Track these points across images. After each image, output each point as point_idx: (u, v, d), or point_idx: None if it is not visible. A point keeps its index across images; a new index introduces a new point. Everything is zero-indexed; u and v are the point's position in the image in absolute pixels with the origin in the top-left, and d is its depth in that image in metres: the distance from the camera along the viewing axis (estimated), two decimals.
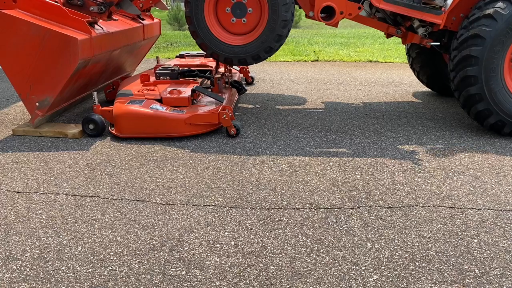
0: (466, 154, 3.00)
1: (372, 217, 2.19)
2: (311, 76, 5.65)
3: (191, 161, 2.84)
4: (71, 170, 2.70)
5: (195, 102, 3.45)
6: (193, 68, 4.10)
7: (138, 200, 2.34)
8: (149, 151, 3.00)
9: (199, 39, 3.53)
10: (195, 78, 3.90)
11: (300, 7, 3.75)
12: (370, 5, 3.72)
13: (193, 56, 4.88)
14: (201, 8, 3.44)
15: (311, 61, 6.79)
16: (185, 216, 2.18)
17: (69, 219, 2.15)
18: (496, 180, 2.60)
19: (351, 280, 1.73)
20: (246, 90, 4.32)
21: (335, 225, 2.11)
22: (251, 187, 2.49)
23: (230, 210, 2.24)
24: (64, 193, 2.42)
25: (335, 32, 10.71)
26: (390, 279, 1.73)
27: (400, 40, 4.31)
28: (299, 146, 3.11)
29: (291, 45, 8.30)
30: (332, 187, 2.49)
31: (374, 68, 6.17)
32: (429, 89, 4.73)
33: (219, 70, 4.32)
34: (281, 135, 3.33)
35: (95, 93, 3.34)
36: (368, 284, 1.70)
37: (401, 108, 4.13)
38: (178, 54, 4.97)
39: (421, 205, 2.31)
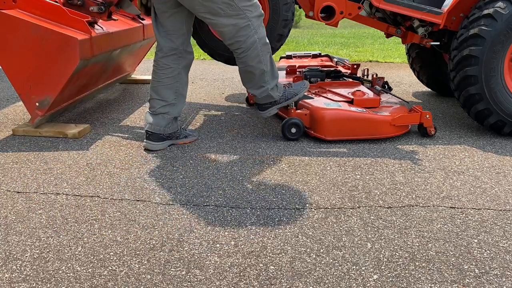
0: (466, 154, 3.00)
1: (372, 217, 2.19)
2: None
3: (191, 161, 2.84)
4: (71, 170, 2.70)
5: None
6: (336, 69, 4.12)
7: (138, 200, 2.34)
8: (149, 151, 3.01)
9: (200, 40, 3.53)
10: (341, 79, 3.91)
11: (300, 7, 3.76)
12: (370, 5, 3.72)
13: (300, 57, 4.82)
14: None
15: None
16: (185, 216, 2.18)
17: (69, 219, 2.15)
18: (496, 180, 2.60)
19: (351, 280, 1.73)
20: (391, 89, 4.15)
21: (335, 225, 2.11)
22: (251, 187, 2.49)
23: (230, 210, 2.24)
24: (64, 193, 2.42)
25: (335, 32, 10.72)
26: (390, 279, 1.73)
27: (400, 40, 4.31)
28: (299, 146, 3.11)
29: (291, 45, 8.30)
30: (332, 187, 2.49)
31: (374, 68, 6.17)
32: (429, 89, 4.73)
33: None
34: (281, 135, 3.33)
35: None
36: (368, 284, 1.70)
37: None
38: (284, 55, 4.88)
39: (421, 205, 2.31)
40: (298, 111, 3.29)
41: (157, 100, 2.98)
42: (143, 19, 4.40)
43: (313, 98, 3.45)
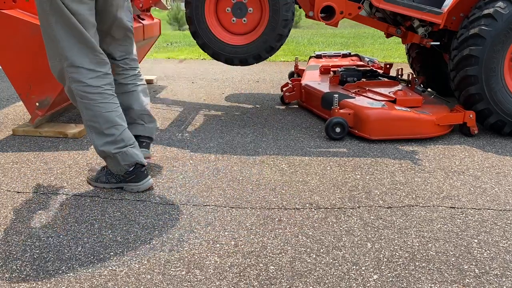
0: (466, 154, 3.00)
1: (372, 217, 2.19)
2: None
3: (191, 161, 2.84)
4: (71, 170, 2.70)
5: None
6: (372, 68, 4.15)
7: (138, 200, 2.34)
8: None
9: (200, 40, 3.53)
10: (377, 78, 3.93)
11: (300, 7, 3.76)
12: (370, 5, 3.72)
13: (330, 56, 4.82)
14: (201, 9, 3.45)
15: None
16: (185, 216, 2.18)
17: (69, 219, 2.15)
18: (496, 180, 2.60)
19: (351, 280, 1.73)
20: (427, 89, 4.14)
21: (335, 225, 2.11)
22: (251, 187, 2.49)
23: (230, 210, 2.24)
24: (64, 193, 2.42)
25: (335, 32, 10.72)
26: (390, 279, 1.73)
27: (400, 40, 4.31)
28: (299, 146, 3.11)
29: (291, 45, 8.31)
30: (332, 187, 2.49)
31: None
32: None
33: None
34: (281, 135, 3.33)
35: (336, 95, 3.30)
36: (368, 284, 1.70)
37: None
38: (314, 55, 4.85)
39: (421, 205, 2.31)
40: (342, 110, 3.26)
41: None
42: (143, 19, 4.40)
43: (355, 97, 3.44)
